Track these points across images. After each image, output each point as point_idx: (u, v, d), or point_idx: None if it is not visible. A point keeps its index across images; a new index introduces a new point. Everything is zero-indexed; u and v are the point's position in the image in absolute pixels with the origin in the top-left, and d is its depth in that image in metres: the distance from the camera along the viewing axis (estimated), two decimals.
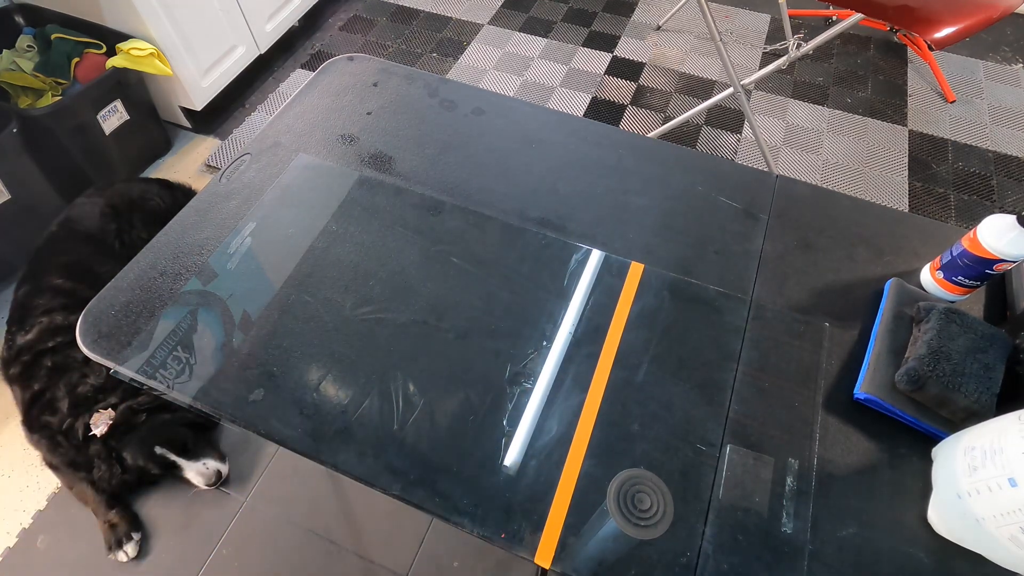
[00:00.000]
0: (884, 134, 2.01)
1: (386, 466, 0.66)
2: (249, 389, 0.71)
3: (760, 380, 0.72)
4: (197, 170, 1.93)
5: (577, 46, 2.32)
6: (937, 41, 1.12)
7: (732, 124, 2.05)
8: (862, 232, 0.86)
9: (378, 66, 1.08)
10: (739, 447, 0.67)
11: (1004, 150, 1.96)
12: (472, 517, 0.62)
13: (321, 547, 1.25)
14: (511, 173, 0.93)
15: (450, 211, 0.88)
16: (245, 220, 0.86)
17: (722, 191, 0.90)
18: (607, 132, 1.00)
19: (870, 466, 0.66)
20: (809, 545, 0.61)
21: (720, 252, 0.84)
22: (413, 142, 0.97)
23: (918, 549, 0.61)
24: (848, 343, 0.75)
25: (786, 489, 0.64)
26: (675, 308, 0.77)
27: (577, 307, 0.78)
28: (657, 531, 0.61)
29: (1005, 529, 0.54)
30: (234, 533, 1.27)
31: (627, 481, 0.64)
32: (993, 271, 0.71)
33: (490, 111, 1.01)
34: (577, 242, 0.84)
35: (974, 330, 0.68)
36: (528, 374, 0.72)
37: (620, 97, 2.14)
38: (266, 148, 0.96)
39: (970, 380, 0.65)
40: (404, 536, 1.26)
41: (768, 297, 0.79)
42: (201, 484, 1.28)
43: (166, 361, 0.73)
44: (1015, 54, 2.29)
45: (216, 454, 1.31)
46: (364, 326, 0.76)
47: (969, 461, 0.58)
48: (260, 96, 2.14)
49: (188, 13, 1.76)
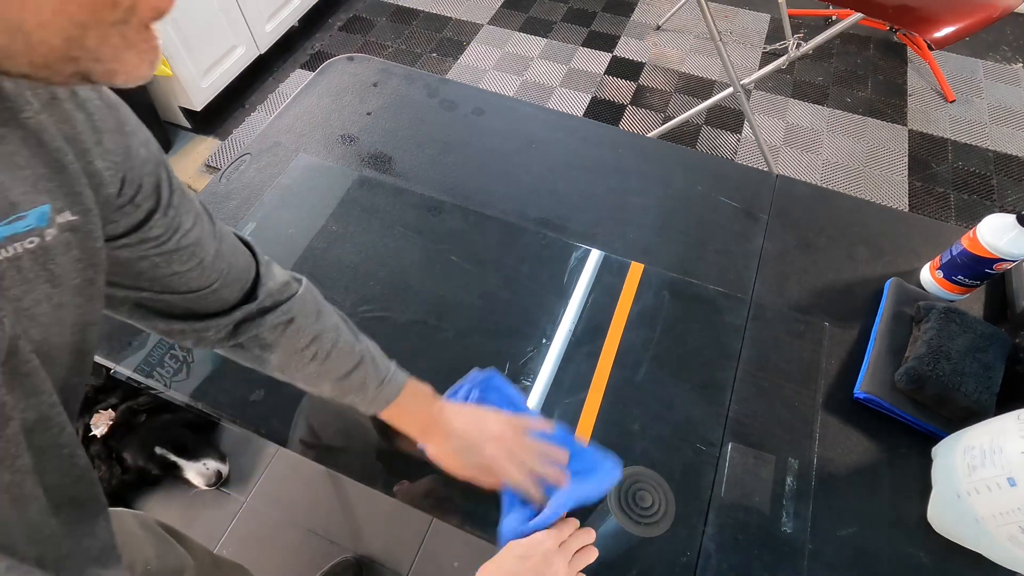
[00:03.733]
0: (884, 134, 2.01)
1: (386, 466, 0.66)
2: (249, 389, 0.71)
3: (760, 379, 0.72)
4: (197, 170, 1.93)
5: (577, 46, 2.32)
6: (937, 40, 1.12)
7: (732, 124, 2.05)
8: (862, 232, 0.86)
9: (378, 66, 1.09)
10: (740, 446, 0.67)
11: (1004, 149, 1.96)
12: (472, 517, 0.63)
13: (321, 547, 1.25)
14: (511, 173, 0.93)
15: (450, 211, 0.88)
16: (245, 220, 0.86)
17: (722, 191, 0.90)
18: (607, 132, 1.00)
19: (870, 466, 0.66)
20: (809, 544, 0.61)
21: (720, 252, 0.84)
22: (413, 142, 0.97)
23: (918, 548, 0.61)
24: (848, 343, 0.75)
25: (786, 488, 0.64)
26: (675, 308, 0.77)
27: (577, 307, 0.78)
28: (659, 529, 0.61)
29: (1004, 528, 0.54)
30: (234, 533, 1.27)
31: (629, 479, 0.64)
32: (993, 270, 0.71)
33: (490, 111, 1.01)
34: (577, 242, 0.84)
35: (974, 329, 0.68)
36: (528, 373, 0.72)
37: (620, 97, 2.14)
38: (266, 148, 0.96)
39: (970, 379, 0.65)
40: (404, 536, 1.26)
41: (768, 297, 0.79)
42: (201, 484, 1.27)
43: (164, 360, 0.73)
44: (1015, 53, 2.29)
45: (216, 454, 1.31)
46: (364, 326, 0.76)
47: (968, 461, 0.58)
48: (260, 96, 2.14)
49: (188, 13, 1.76)
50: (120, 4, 0.24)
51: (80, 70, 0.25)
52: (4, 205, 0.29)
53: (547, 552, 0.52)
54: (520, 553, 0.52)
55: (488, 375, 0.67)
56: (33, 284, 0.31)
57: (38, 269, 0.32)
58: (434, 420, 0.60)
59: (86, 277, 0.35)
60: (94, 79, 0.25)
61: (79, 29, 0.23)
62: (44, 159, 0.32)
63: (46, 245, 0.32)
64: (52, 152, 0.32)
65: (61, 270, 0.33)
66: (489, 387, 0.66)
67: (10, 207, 0.29)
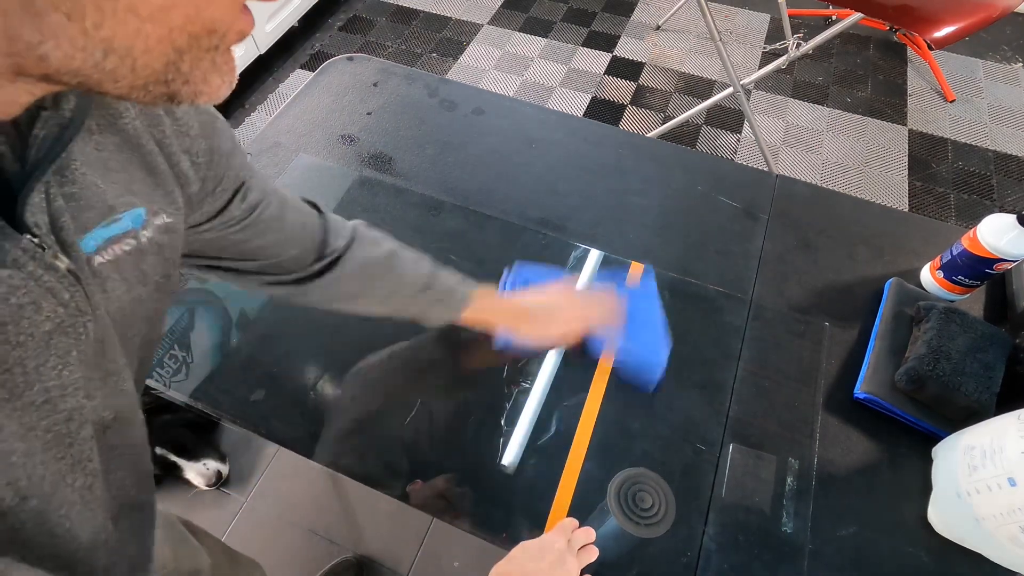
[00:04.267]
0: (884, 133, 2.01)
1: (386, 466, 0.66)
2: (249, 389, 0.71)
3: (760, 380, 0.72)
4: None
5: (577, 46, 2.32)
6: (937, 40, 1.11)
7: (732, 124, 2.05)
8: (862, 232, 0.86)
9: (378, 66, 1.08)
10: (740, 446, 0.67)
11: (1004, 149, 1.96)
12: (472, 517, 0.63)
13: (321, 547, 1.25)
14: (511, 173, 0.93)
15: (450, 211, 0.88)
16: None
17: (722, 191, 0.90)
18: (607, 132, 1.00)
19: (870, 466, 0.66)
20: (809, 544, 0.61)
21: (720, 252, 0.84)
22: (413, 142, 0.97)
23: (918, 549, 0.61)
24: (848, 343, 0.75)
25: (786, 488, 0.64)
26: (675, 308, 0.77)
27: None
28: (659, 530, 0.61)
29: (1004, 528, 0.54)
30: (234, 533, 1.27)
31: (629, 480, 0.64)
32: (993, 270, 0.71)
33: (490, 111, 1.01)
34: (577, 242, 0.84)
35: (974, 329, 0.68)
36: (528, 373, 0.72)
37: (620, 97, 2.14)
38: (266, 148, 0.96)
39: (970, 379, 0.65)
40: (404, 536, 1.26)
41: (768, 297, 0.79)
42: (201, 484, 1.27)
43: (163, 360, 0.73)
44: (1015, 53, 2.29)
45: (216, 454, 1.31)
46: (364, 326, 0.76)
47: (969, 461, 0.58)
48: (260, 96, 2.14)
49: None
50: (216, 32, 0.25)
51: (170, 91, 0.26)
52: (103, 208, 0.31)
53: (560, 552, 0.52)
54: (534, 553, 0.52)
55: (516, 268, 0.77)
56: (129, 285, 0.33)
57: (133, 270, 0.33)
58: (512, 305, 0.68)
59: (165, 273, 0.36)
60: (180, 100, 0.26)
61: (177, 54, 0.24)
62: (139, 163, 0.33)
63: (142, 247, 0.33)
64: (145, 155, 0.34)
65: (150, 269, 0.35)
66: (524, 275, 0.76)
67: (108, 210, 0.31)
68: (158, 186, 0.35)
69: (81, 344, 0.29)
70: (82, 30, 0.21)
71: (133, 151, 0.33)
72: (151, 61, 0.24)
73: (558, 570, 0.51)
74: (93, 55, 0.22)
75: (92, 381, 0.31)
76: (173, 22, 0.23)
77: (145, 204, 0.33)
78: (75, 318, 0.28)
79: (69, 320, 0.28)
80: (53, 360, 0.27)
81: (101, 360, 0.31)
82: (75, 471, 0.30)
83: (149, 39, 0.23)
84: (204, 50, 0.25)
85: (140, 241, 0.33)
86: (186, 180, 0.38)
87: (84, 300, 0.29)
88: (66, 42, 0.21)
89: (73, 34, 0.21)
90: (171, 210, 0.36)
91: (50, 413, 0.28)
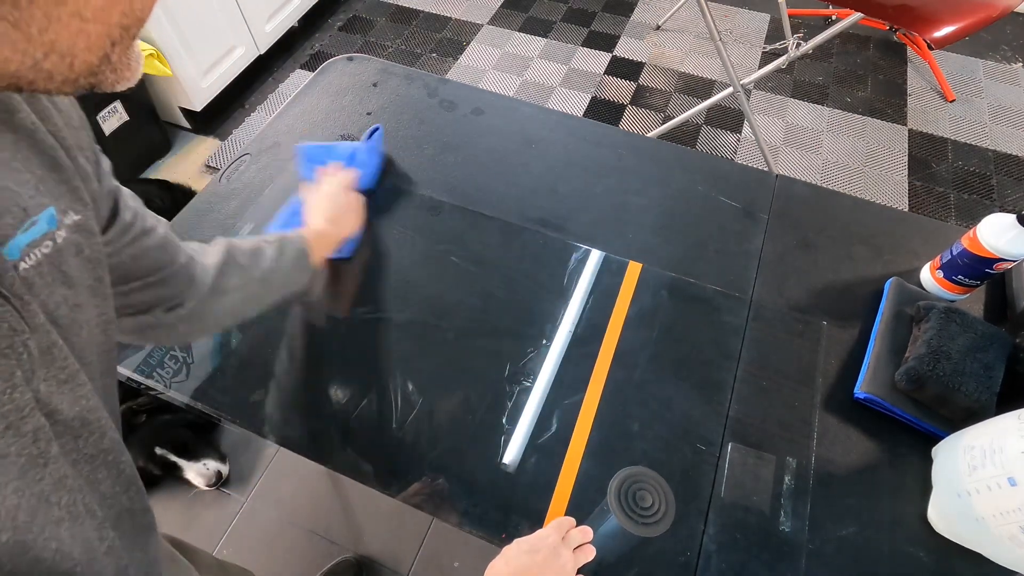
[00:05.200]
0: (884, 133, 2.01)
1: (386, 466, 0.66)
2: (249, 389, 0.71)
3: (760, 379, 0.72)
4: (197, 171, 1.93)
5: (576, 46, 2.32)
6: (936, 40, 1.11)
7: (732, 124, 2.05)
8: (862, 232, 0.86)
9: (378, 66, 1.08)
10: (740, 446, 0.67)
11: (1004, 149, 1.96)
12: (472, 517, 0.63)
13: (321, 547, 1.25)
14: (511, 173, 0.93)
15: (450, 211, 0.88)
16: (245, 220, 0.86)
17: (722, 191, 0.90)
18: (607, 132, 1.00)
19: (870, 465, 0.66)
20: (809, 544, 0.61)
21: (720, 252, 0.84)
22: (413, 142, 0.97)
23: (918, 548, 0.61)
24: (848, 342, 0.75)
25: (786, 488, 0.64)
26: (675, 308, 0.77)
27: (576, 306, 0.78)
28: (659, 529, 0.61)
29: (1005, 528, 0.54)
30: (234, 533, 1.27)
31: (629, 478, 0.64)
32: (993, 270, 0.71)
33: (490, 111, 1.01)
34: (576, 242, 0.84)
35: (974, 329, 0.68)
36: (527, 373, 0.72)
37: (620, 97, 2.14)
38: (266, 148, 0.96)
39: (970, 379, 0.65)
40: (404, 536, 1.26)
41: (768, 297, 0.79)
42: (201, 485, 1.27)
43: (163, 361, 0.73)
44: (1015, 53, 2.29)
45: (216, 455, 1.31)
46: (364, 325, 0.76)
47: (969, 460, 0.58)
48: (260, 96, 2.14)
49: (187, 14, 1.75)
50: (142, 20, 0.25)
51: (95, 81, 0.26)
52: (19, 213, 0.29)
53: (554, 545, 0.52)
54: (527, 548, 0.52)
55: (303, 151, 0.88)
56: (53, 288, 0.31)
57: (55, 273, 0.31)
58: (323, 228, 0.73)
59: (95, 276, 0.35)
60: (103, 88, 0.26)
61: (112, 47, 0.25)
62: (40, 160, 0.32)
63: (59, 248, 0.32)
64: (46, 151, 0.32)
65: (74, 271, 0.33)
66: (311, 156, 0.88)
67: (23, 213, 0.29)
68: (63, 182, 0.33)
69: (24, 364, 0.27)
70: (27, 36, 0.21)
71: (32, 147, 0.31)
72: (89, 57, 0.24)
73: (553, 563, 0.51)
74: (33, 57, 0.22)
75: (50, 395, 0.29)
76: (112, 19, 0.23)
77: (54, 203, 0.31)
78: (10, 339, 0.27)
79: (5, 342, 0.26)
80: (0, 385, 0.26)
81: (51, 370, 0.30)
82: (58, 490, 0.29)
83: (90, 37, 0.23)
84: (131, 39, 0.26)
85: (57, 242, 0.31)
86: (86, 174, 0.36)
87: (16, 318, 0.27)
88: (7, 47, 0.21)
89: (16, 39, 0.21)
90: (79, 207, 0.34)
91: (16, 438, 0.26)
